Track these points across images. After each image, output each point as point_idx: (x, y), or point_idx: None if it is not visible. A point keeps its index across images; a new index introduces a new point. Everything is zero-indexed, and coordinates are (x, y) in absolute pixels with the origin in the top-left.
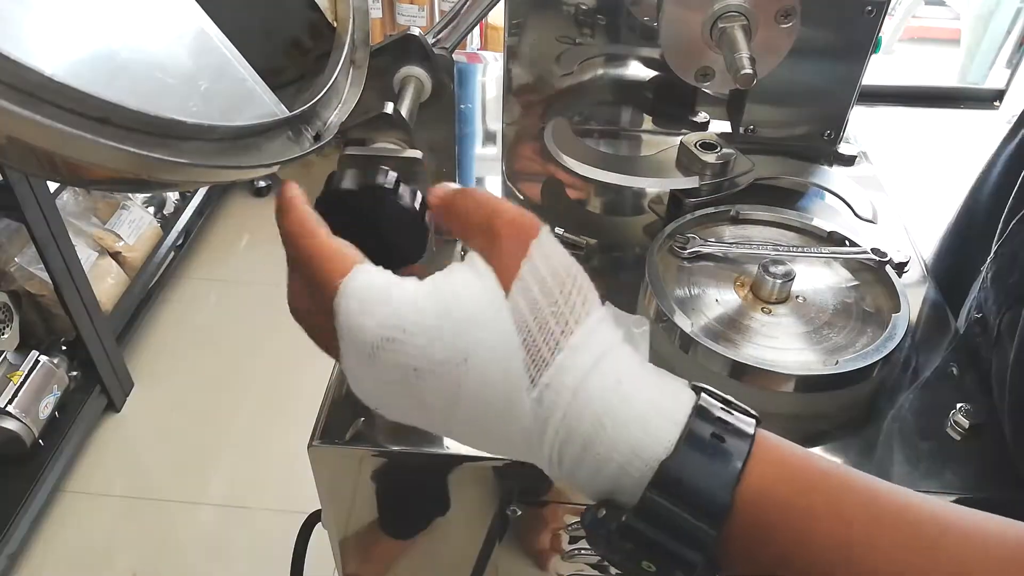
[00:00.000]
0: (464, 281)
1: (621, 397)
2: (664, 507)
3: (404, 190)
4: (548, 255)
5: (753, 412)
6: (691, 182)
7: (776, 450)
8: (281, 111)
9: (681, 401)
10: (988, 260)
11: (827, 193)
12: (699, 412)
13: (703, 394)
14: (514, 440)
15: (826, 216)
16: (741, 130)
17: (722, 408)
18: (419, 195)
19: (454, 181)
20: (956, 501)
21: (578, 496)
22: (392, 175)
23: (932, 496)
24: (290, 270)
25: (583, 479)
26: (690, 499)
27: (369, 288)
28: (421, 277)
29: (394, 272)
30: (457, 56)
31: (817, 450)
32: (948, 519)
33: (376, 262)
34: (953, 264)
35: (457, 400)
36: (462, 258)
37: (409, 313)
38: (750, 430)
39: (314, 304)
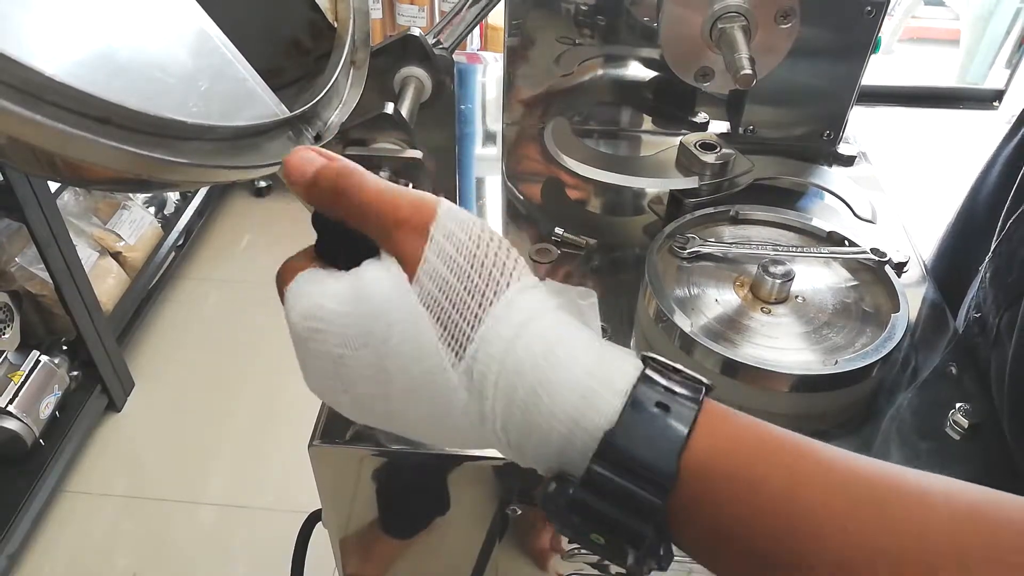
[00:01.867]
0: (372, 273)
1: (554, 364)
2: (608, 478)
3: None
4: (451, 233)
5: (705, 381)
6: (691, 182)
7: (724, 419)
8: (282, 111)
9: (624, 371)
10: (987, 259)
11: (826, 193)
12: (644, 379)
13: (650, 363)
14: (459, 423)
15: (825, 216)
16: (741, 130)
17: (669, 377)
18: None
19: (454, 181)
20: None
21: None
22: None
23: (895, 464)
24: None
25: (531, 454)
26: (635, 469)
27: (301, 286)
28: None
29: None
30: (457, 56)
31: None
32: (902, 479)
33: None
34: (952, 264)
35: (388, 385)
36: None
37: (328, 303)
38: (697, 398)
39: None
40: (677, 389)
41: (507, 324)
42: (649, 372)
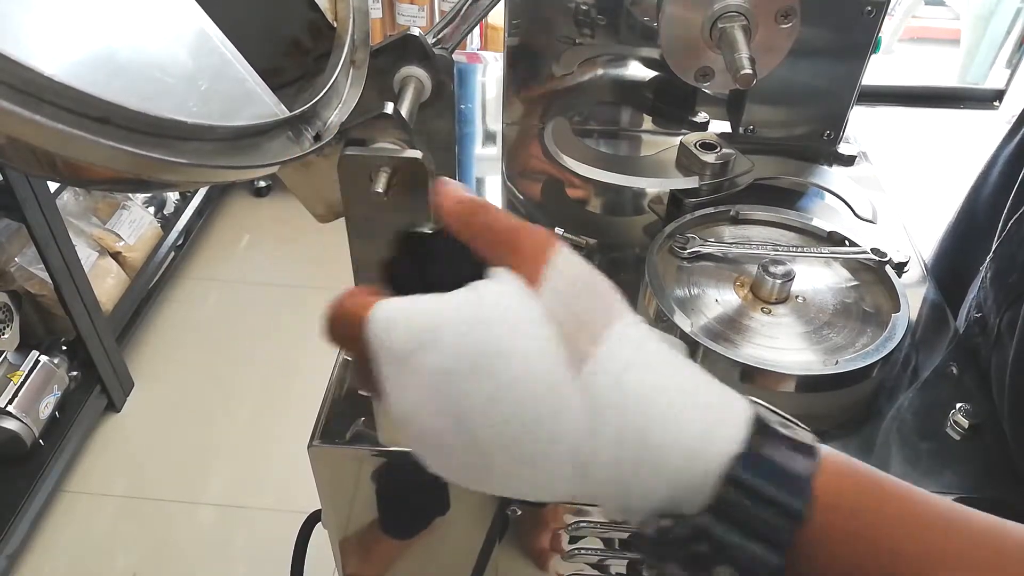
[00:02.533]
0: (489, 286)
1: (677, 386)
2: (741, 504)
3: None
4: (571, 262)
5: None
6: (691, 182)
7: (842, 459)
8: (281, 111)
9: (739, 399)
10: (988, 259)
11: (827, 193)
12: (760, 412)
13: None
14: (561, 456)
15: (826, 216)
16: (741, 130)
17: (777, 413)
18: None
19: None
20: (956, 501)
21: None
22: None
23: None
24: (339, 345)
25: (639, 484)
26: (768, 496)
27: (391, 309)
28: None
29: None
30: (457, 56)
31: None
32: (1007, 530)
33: None
34: (953, 264)
35: (495, 400)
36: None
37: (436, 315)
38: (810, 437)
39: (361, 362)
40: (789, 424)
41: (629, 344)
42: (758, 404)
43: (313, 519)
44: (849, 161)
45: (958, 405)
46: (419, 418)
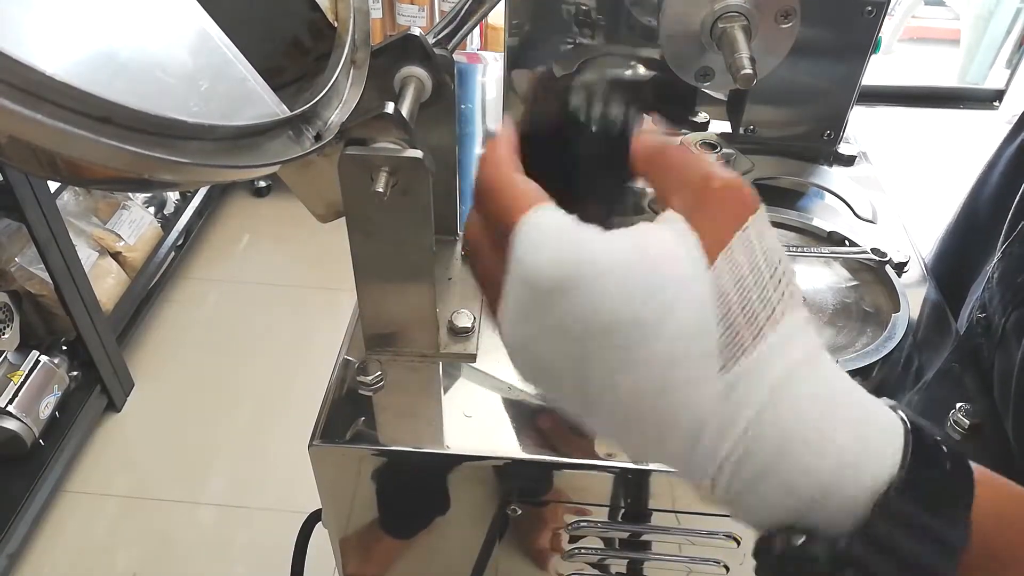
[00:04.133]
0: (661, 239)
1: (834, 403)
2: (896, 534)
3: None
4: (763, 234)
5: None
6: None
7: (999, 481)
8: (282, 111)
9: (894, 419)
10: (995, 260)
11: (827, 193)
12: (916, 431)
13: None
14: (675, 435)
15: (826, 216)
16: (741, 130)
17: (933, 433)
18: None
19: (454, 181)
20: None
21: (579, 495)
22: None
23: None
24: (474, 202)
25: (763, 492)
26: (923, 526)
27: (551, 226)
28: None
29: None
30: (457, 56)
31: None
32: None
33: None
34: (953, 264)
35: (624, 368)
36: (463, 256)
37: (594, 254)
38: (965, 458)
39: (488, 240)
40: (944, 444)
41: (795, 351)
42: (914, 421)
43: (313, 519)
44: (849, 161)
45: (958, 405)
46: (537, 354)
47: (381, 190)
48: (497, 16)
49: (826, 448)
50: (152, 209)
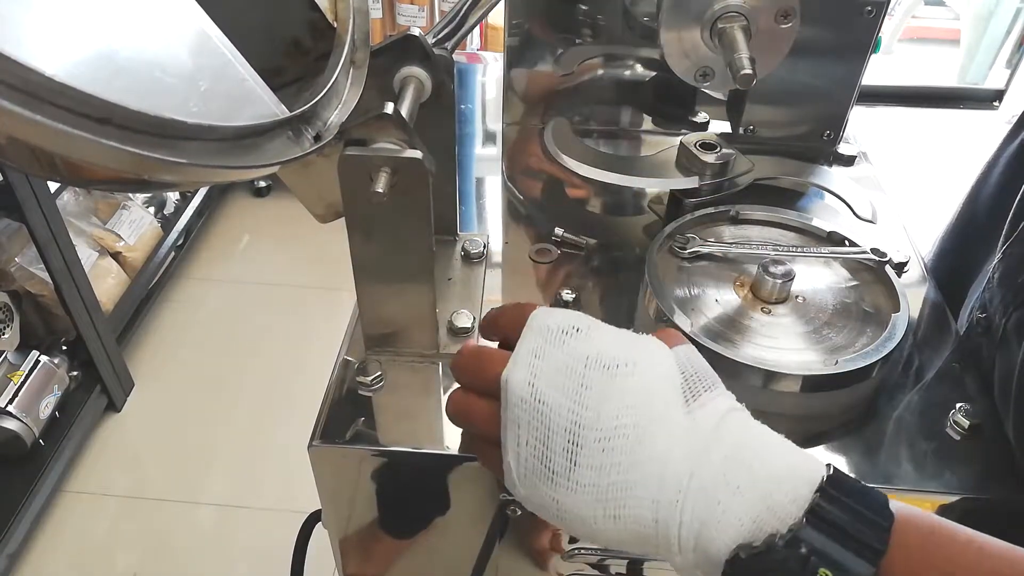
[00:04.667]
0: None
1: (765, 432)
2: (835, 514)
3: None
4: (693, 348)
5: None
6: (691, 182)
7: (913, 510)
8: (281, 111)
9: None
10: (996, 260)
11: (827, 193)
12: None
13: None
14: (649, 458)
15: (826, 216)
16: (741, 130)
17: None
18: None
19: (454, 181)
20: (956, 501)
21: None
22: None
23: None
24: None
25: (730, 503)
26: (856, 509)
27: (555, 309)
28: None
29: None
30: (457, 56)
31: (818, 450)
32: None
33: None
34: (953, 264)
35: (614, 398)
36: (462, 256)
37: (596, 321)
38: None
39: (476, 400)
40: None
41: (728, 400)
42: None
43: (313, 519)
44: (849, 161)
45: (958, 405)
46: (543, 387)
47: (381, 190)
48: (497, 16)
49: (774, 460)
50: (152, 209)
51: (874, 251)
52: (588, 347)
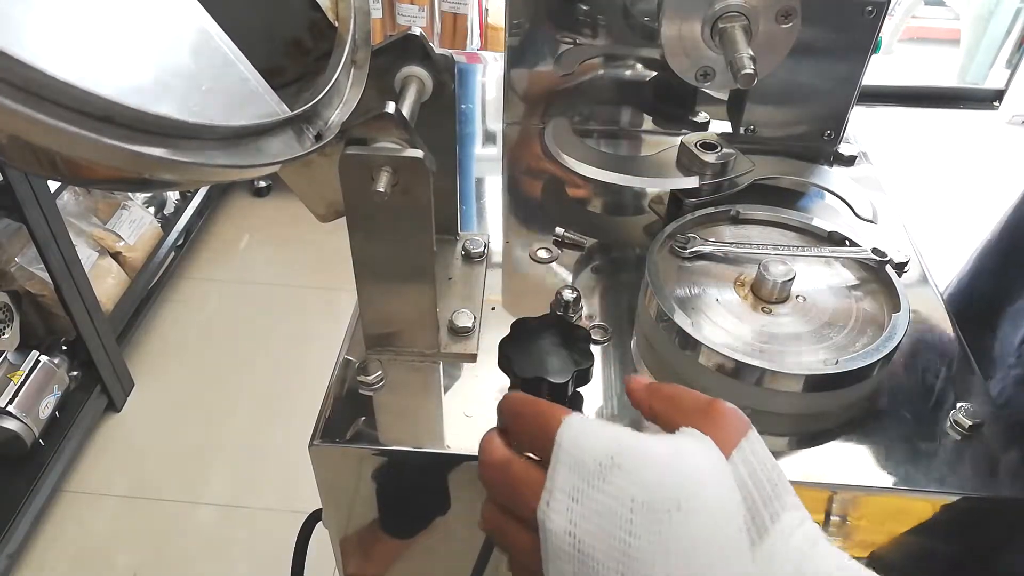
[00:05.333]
0: (687, 441)
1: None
2: None
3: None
4: (760, 444)
5: None
6: (691, 182)
7: None
8: (283, 111)
9: None
10: None
11: (827, 193)
12: None
13: None
14: None
15: (826, 216)
16: (741, 130)
17: None
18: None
19: (454, 181)
20: (956, 501)
21: None
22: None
23: None
24: (496, 431)
25: None
26: None
27: (591, 423)
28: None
29: None
30: (457, 56)
31: (818, 450)
32: None
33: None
34: (992, 285)
35: (668, 548)
36: (463, 256)
37: (635, 444)
38: None
39: (511, 519)
40: None
41: (803, 533)
42: None
43: (313, 519)
44: (849, 161)
45: (958, 405)
46: (583, 537)
47: (382, 190)
48: (497, 16)
49: None
50: (152, 209)
51: (875, 251)
52: (631, 486)
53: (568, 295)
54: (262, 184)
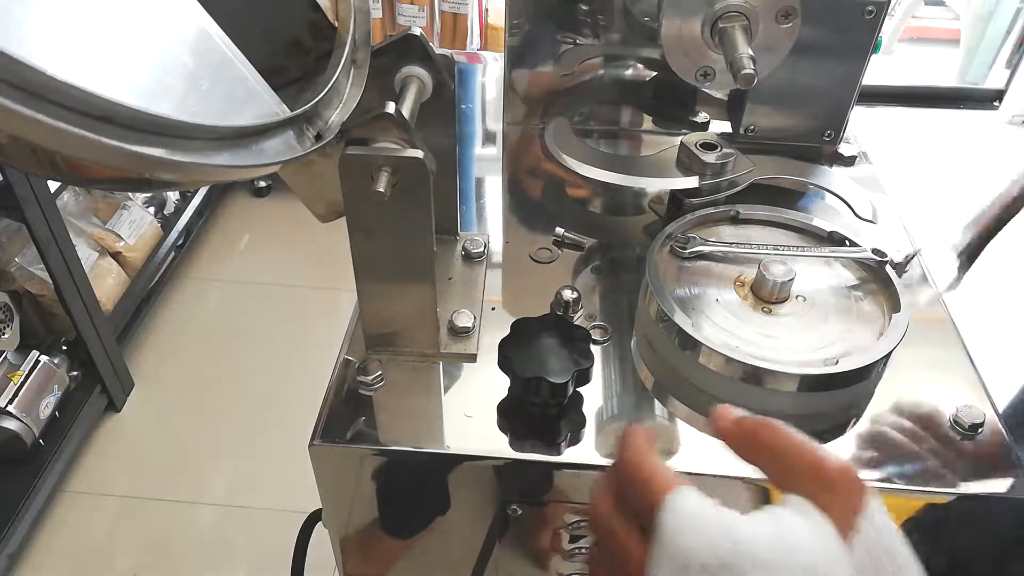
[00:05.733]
0: (796, 522)
1: None
2: None
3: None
4: (883, 513)
5: None
6: (691, 182)
7: None
8: (283, 111)
9: None
10: None
11: (827, 193)
12: None
13: None
14: None
15: (826, 216)
16: (741, 130)
17: None
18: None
19: (454, 181)
20: (956, 501)
21: (579, 495)
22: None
23: None
24: (611, 481)
25: None
26: None
27: (696, 508)
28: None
29: None
30: (457, 56)
31: None
32: None
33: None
34: None
35: None
36: (463, 256)
37: (745, 542)
38: None
39: (624, 513)
40: None
41: None
42: None
43: (313, 519)
44: (849, 161)
45: (958, 405)
46: None
47: (382, 190)
48: (497, 16)
49: None
50: (152, 209)
51: (875, 251)
52: None
53: (568, 295)
54: (262, 184)
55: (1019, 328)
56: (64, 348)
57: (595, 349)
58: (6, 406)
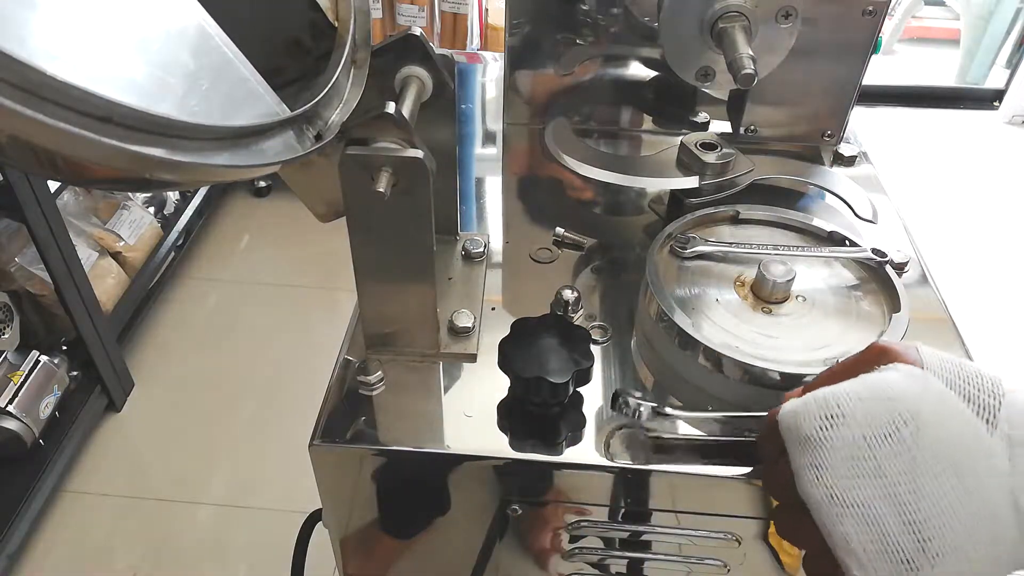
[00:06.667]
0: (879, 373)
1: None
2: None
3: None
4: (928, 347)
5: None
6: (691, 182)
7: None
8: (283, 111)
9: None
10: None
11: (827, 193)
12: None
13: None
14: (990, 494)
15: (826, 216)
16: (741, 130)
17: None
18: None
19: (454, 181)
20: None
21: (579, 495)
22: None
23: None
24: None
25: None
26: None
27: (791, 403)
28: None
29: None
30: (457, 56)
31: None
32: None
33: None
34: None
35: (915, 461)
36: (463, 256)
37: (835, 396)
38: None
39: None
40: None
41: (1013, 395)
42: None
43: (313, 519)
44: (849, 161)
45: None
46: (843, 492)
47: (382, 190)
48: (497, 16)
49: None
50: (152, 209)
51: (874, 251)
52: (854, 429)
53: (568, 295)
54: (262, 184)
55: (1019, 328)
56: (64, 348)
57: (595, 349)
58: (6, 406)
